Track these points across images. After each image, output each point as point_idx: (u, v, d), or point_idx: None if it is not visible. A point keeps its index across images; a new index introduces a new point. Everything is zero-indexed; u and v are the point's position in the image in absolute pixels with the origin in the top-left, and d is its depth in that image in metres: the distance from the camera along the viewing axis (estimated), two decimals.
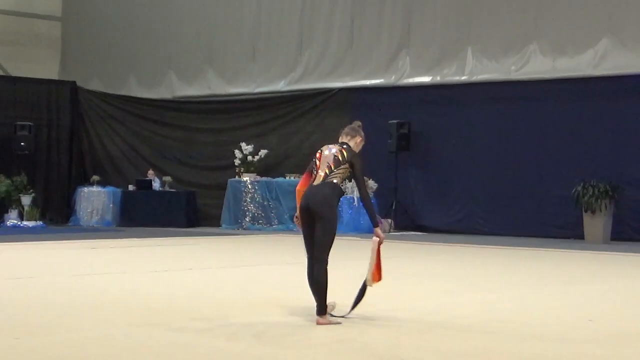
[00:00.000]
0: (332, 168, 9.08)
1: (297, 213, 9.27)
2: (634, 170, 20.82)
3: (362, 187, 9.33)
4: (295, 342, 8.21)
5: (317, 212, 8.95)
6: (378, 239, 9.11)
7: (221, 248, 19.18)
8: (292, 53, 25.90)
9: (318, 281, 8.93)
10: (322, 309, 8.94)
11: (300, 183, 9.32)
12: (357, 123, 9.58)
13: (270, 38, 26.34)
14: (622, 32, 21.02)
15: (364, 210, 9.51)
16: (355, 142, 9.36)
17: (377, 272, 9.14)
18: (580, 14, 21.55)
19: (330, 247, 9.00)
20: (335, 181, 9.09)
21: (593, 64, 21.28)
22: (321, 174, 9.11)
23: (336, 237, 9.08)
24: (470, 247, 19.25)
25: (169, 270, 14.36)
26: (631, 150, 20.95)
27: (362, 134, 9.44)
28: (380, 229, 9.19)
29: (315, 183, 9.12)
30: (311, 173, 9.25)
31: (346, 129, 9.44)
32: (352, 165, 9.14)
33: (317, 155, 9.25)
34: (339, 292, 9.28)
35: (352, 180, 10.77)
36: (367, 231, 20.72)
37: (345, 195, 22.03)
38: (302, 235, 9.24)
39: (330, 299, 9.04)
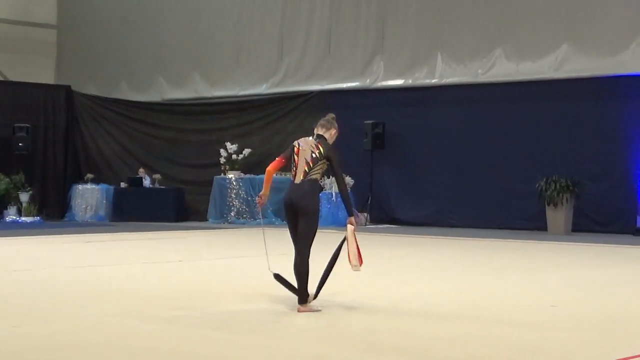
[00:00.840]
0: (311, 165, 9.03)
1: (262, 193, 9.20)
2: (592, 166, 20.90)
3: (340, 179, 9.23)
4: (279, 330, 8.18)
5: (301, 207, 8.92)
6: (353, 226, 9.05)
7: (208, 241, 19.13)
8: (274, 58, 25.87)
9: (300, 271, 8.92)
10: (303, 297, 8.92)
11: (272, 164, 9.17)
12: (331, 115, 9.48)
13: (253, 45, 26.30)
14: (581, 38, 21.08)
15: (342, 205, 9.51)
16: (330, 134, 9.28)
17: (359, 257, 9.07)
18: (541, 22, 21.61)
19: (313, 240, 8.98)
20: (315, 177, 9.05)
21: (554, 68, 21.34)
22: (301, 171, 9.05)
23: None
24: (441, 239, 19.27)
25: (159, 262, 14.31)
26: (590, 147, 21.02)
27: (336, 125, 9.37)
28: (355, 220, 9.15)
29: (296, 181, 9.05)
30: (285, 159, 9.16)
31: (322, 121, 9.35)
32: (329, 159, 9.08)
33: (295, 150, 9.13)
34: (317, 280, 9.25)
35: (331, 177, 10.74)
36: (344, 224, 20.70)
37: (323, 191, 22.06)
38: (262, 225, 9.25)
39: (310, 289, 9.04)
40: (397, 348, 7.39)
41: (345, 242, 9.07)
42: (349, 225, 9.07)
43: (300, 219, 8.95)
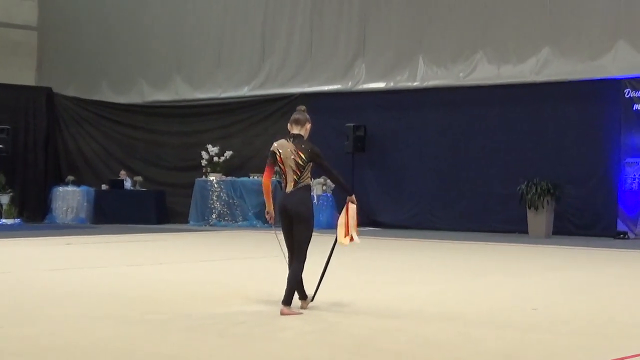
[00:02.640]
0: (299, 173, 8.99)
1: (268, 209, 9.19)
2: (573, 169, 20.98)
3: (330, 173, 9.24)
4: (264, 333, 8.15)
5: (296, 214, 8.91)
6: (354, 204, 9.25)
7: (190, 243, 19.08)
8: (255, 61, 25.85)
9: (296, 277, 8.92)
10: (289, 300, 8.90)
11: (266, 177, 9.12)
12: (301, 108, 9.32)
13: (235, 47, 26.28)
14: (561, 42, 21.17)
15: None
16: (306, 129, 9.17)
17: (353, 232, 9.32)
18: (523, 25, 21.68)
19: (309, 244, 8.98)
20: (306, 183, 9.04)
21: (535, 71, 21.43)
22: (291, 180, 9.00)
23: None
24: (422, 242, 19.29)
25: (141, 264, 14.27)
26: (570, 151, 21.11)
27: (308, 117, 9.25)
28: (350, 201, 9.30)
29: (287, 190, 9.02)
30: (273, 166, 9.12)
31: (295, 116, 9.18)
32: (313, 160, 9.03)
33: (278, 158, 9.09)
34: (311, 285, 9.25)
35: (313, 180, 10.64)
36: (326, 227, 20.70)
37: None
38: (277, 235, 9.26)
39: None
40: (382, 351, 7.39)
41: (345, 217, 9.23)
42: (351, 204, 9.25)
43: (297, 225, 8.95)
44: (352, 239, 9.30)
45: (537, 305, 9.81)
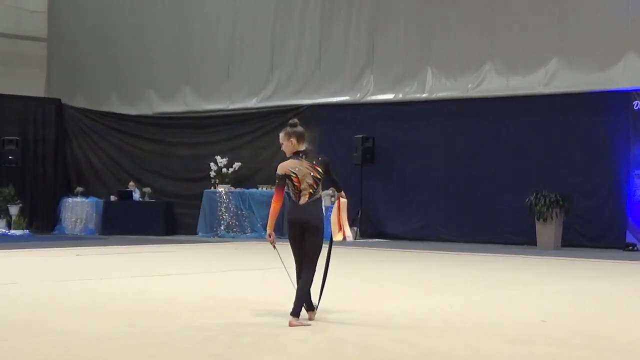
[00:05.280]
0: (315, 187, 9.00)
1: (270, 231, 9.16)
2: (581, 180, 20.92)
3: (338, 185, 9.44)
4: (270, 345, 8.11)
5: (310, 225, 8.91)
6: (344, 199, 9.34)
7: (198, 255, 19.07)
8: (264, 72, 25.86)
9: (303, 287, 8.88)
10: (297, 311, 8.86)
11: (278, 200, 9.06)
12: (294, 121, 9.30)
13: (244, 58, 26.29)
14: (570, 53, 21.14)
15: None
16: (309, 142, 9.26)
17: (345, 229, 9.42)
18: (531, 37, 21.66)
19: (319, 255, 8.97)
20: (319, 196, 9.07)
21: (544, 83, 21.39)
22: (306, 193, 8.98)
23: None
24: (430, 253, 19.24)
25: (149, 275, 14.25)
26: (579, 162, 21.05)
27: (302, 128, 9.24)
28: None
29: (301, 202, 9.00)
30: (283, 189, 9.08)
31: (297, 131, 9.13)
32: (327, 173, 9.09)
33: (295, 179, 8.98)
34: (314, 293, 9.21)
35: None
36: (328, 237, 20.67)
37: None
38: (279, 254, 9.23)
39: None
40: None
41: (338, 214, 9.33)
42: (342, 199, 9.34)
43: (309, 237, 8.93)
44: (344, 235, 9.35)
45: (546, 317, 9.76)
